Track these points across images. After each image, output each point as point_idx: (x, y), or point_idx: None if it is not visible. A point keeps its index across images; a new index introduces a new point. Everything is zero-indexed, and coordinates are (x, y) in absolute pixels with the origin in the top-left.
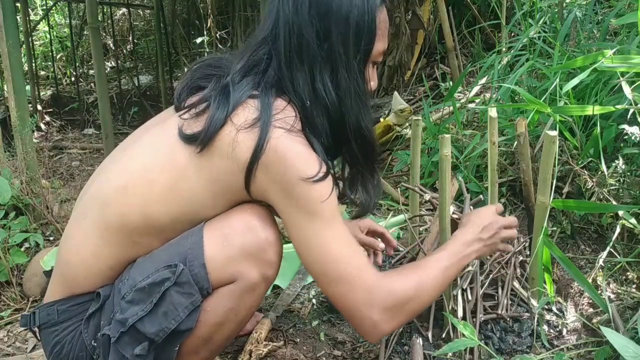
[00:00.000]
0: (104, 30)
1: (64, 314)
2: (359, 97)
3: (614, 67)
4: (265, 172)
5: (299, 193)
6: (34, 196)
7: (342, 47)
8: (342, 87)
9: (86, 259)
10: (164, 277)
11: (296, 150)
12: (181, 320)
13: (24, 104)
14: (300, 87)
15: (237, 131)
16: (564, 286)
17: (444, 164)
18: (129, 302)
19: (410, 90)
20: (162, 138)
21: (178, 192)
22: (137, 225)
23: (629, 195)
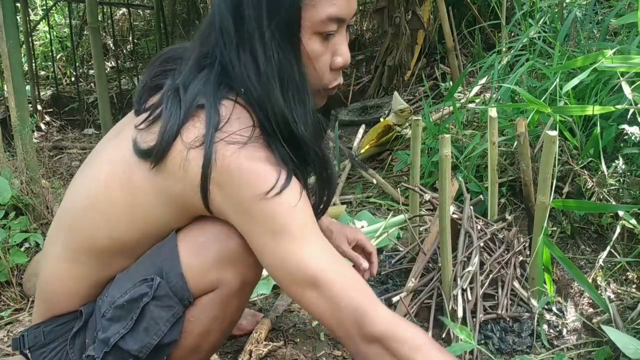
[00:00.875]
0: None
1: (50, 335)
2: (283, 81)
3: (614, 67)
4: (220, 192)
5: (257, 211)
6: (34, 196)
7: (255, 22)
8: (262, 72)
9: (63, 281)
10: (142, 292)
11: (245, 166)
12: (163, 334)
13: (24, 104)
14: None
15: (187, 150)
16: (564, 286)
17: (444, 164)
18: (109, 319)
19: (410, 90)
20: (118, 152)
21: (139, 211)
22: (105, 246)
23: (629, 195)
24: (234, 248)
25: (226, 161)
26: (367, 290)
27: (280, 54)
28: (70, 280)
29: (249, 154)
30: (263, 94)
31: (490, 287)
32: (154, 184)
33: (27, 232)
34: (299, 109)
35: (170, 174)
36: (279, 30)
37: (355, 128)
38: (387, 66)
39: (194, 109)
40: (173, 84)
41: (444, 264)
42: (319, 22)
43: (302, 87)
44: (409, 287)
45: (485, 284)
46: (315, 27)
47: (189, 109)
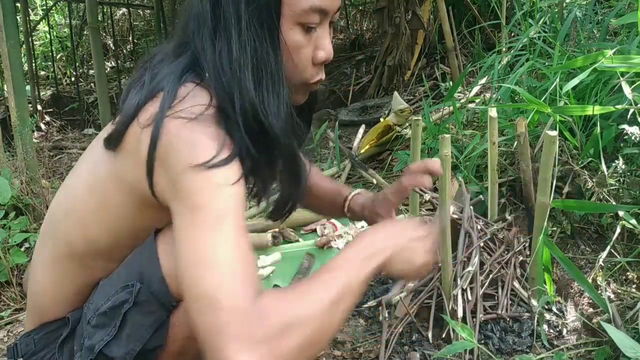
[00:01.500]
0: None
1: (40, 342)
2: (256, 70)
3: (614, 67)
4: (161, 170)
5: (183, 182)
6: (34, 196)
7: (232, 7)
8: (234, 58)
9: (48, 288)
10: (122, 299)
11: (190, 137)
12: (146, 340)
13: (24, 104)
14: (204, 60)
15: (141, 130)
16: (564, 286)
17: (444, 164)
18: (94, 326)
19: (410, 90)
20: (92, 154)
21: (108, 210)
22: (83, 250)
23: (629, 195)
24: None
25: (169, 134)
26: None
27: (257, 42)
28: (55, 286)
29: (193, 127)
30: (233, 81)
31: (490, 287)
32: (116, 173)
33: (27, 232)
34: (272, 100)
35: (127, 158)
36: (257, 17)
37: (355, 128)
38: (387, 66)
39: (155, 92)
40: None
41: (444, 264)
42: (300, 12)
43: (277, 77)
44: (409, 287)
45: (485, 284)
46: (296, 17)
47: (150, 92)
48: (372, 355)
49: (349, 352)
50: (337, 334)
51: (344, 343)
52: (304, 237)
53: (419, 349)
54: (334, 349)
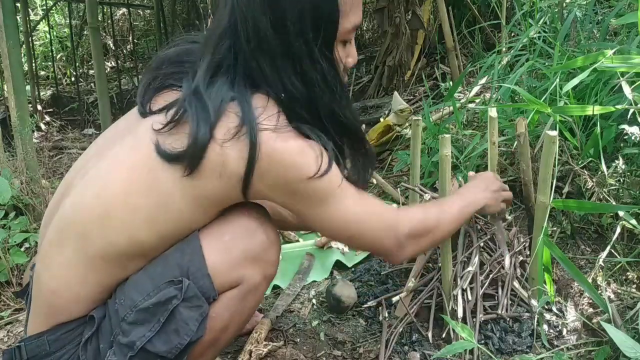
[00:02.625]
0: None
1: (56, 343)
2: (328, 84)
3: (614, 67)
4: (262, 180)
5: (305, 191)
6: (34, 196)
7: (300, 35)
8: (308, 77)
9: (73, 287)
10: (170, 295)
11: (290, 151)
12: (194, 333)
13: (24, 104)
14: (271, 81)
15: (223, 147)
16: (564, 286)
17: (444, 164)
18: (131, 323)
19: (410, 90)
20: (138, 155)
21: (164, 214)
22: (124, 250)
23: (629, 195)
24: (258, 245)
25: (269, 147)
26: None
27: (324, 62)
28: (81, 286)
29: (289, 137)
30: (309, 96)
31: (490, 287)
32: (185, 188)
33: (27, 232)
34: (343, 102)
35: (208, 175)
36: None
37: None
38: (387, 66)
39: (223, 108)
40: (190, 87)
41: (444, 264)
42: (347, 31)
43: (340, 85)
44: (409, 287)
45: (486, 284)
46: (342, 35)
47: (218, 110)
48: (372, 355)
49: (349, 352)
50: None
51: (344, 343)
52: (304, 237)
53: (419, 349)
54: (334, 349)
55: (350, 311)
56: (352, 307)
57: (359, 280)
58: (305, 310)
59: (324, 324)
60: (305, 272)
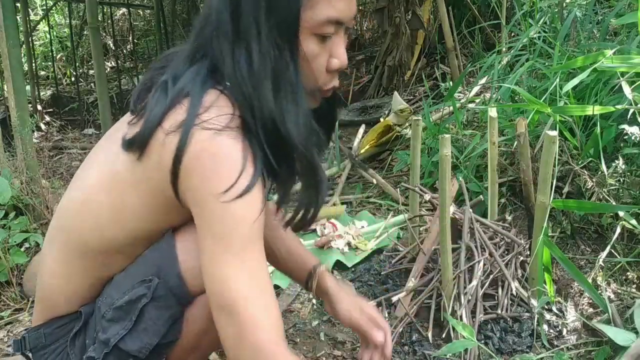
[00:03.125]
0: (104, 30)
1: (50, 336)
2: (277, 80)
3: (614, 67)
4: (187, 179)
5: (211, 210)
6: (34, 196)
7: (252, 18)
8: (256, 68)
9: (60, 283)
10: (140, 293)
11: (221, 156)
12: (162, 334)
13: (24, 104)
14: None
15: (166, 136)
16: (564, 286)
17: (444, 164)
18: (109, 320)
19: (410, 90)
20: (107, 153)
21: (125, 210)
22: (98, 248)
23: (629, 195)
24: None
25: (198, 146)
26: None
27: (276, 52)
28: (67, 281)
29: (221, 142)
30: (253, 91)
31: (490, 287)
32: (136, 176)
33: (27, 232)
34: (291, 109)
35: (150, 162)
36: (277, 29)
37: (355, 128)
38: (387, 66)
39: (180, 98)
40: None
41: (444, 264)
42: (317, 24)
43: (296, 86)
44: (409, 287)
45: (486, 284)
46: (313, 28)
47: (174, 98)
48: None
49: (349, 352)
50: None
51: (344, 343)
52: (304, 237)
53: (419, 349)
54: (334, 349)
55: None
56: None
57: (359, 280)
58: (305, 310)
59: (324, 324)
60: None
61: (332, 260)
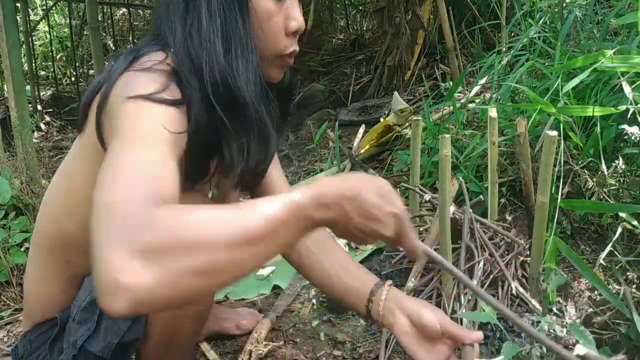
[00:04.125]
0: (104, 30)
1: (34, 342)
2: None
3: (614, 67)
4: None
5: (118, 112)
6: (34, 196)
7: None
8: (205, 27)
9: (36, 288)
10: None
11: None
12: (123, 332)
13: (24, 104)
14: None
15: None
16: (564, 286)
17: (444, 164)
18: (78, 323)
19: (410, 90)
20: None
21: (74, 195)
22: (59, 243)
23: (629, 195)
24: None
25: (118, 83)
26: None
27: (225, 11)
28: (42, 285)
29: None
30: (202, 50)
31: (490, 287)
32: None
33: (27, 232)
34: (241, 65)
35: (87, 130)
36: None
37: (355, 128)
38: (387, 66)
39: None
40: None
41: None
42: None
43: (246, 43)
44: (409, 287)
45: (486, 284)
46: None
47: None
48: (372, 355)
49: (349, 352)
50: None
51: (344, 343)
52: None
53: None
54: (334, 349)
55: (350, 311)
56: None
57: None
58: (305, 310)
59: (324, 324)
60: None
61: None
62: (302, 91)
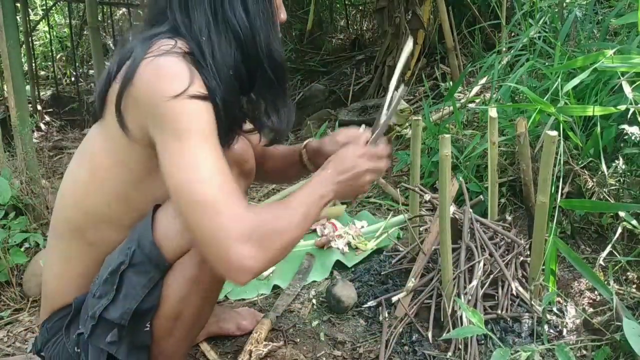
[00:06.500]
0: (104, 30)
1: (51, 330)
2: (269, 21)
3: (614, 67)
4: (137, 105)
5: (165, 111)
6: (34, 196)
7: None
8: (252, 12)
9: (56, 274)
10: (119, 261)
11: (164, 69)
12: (141, 298)
13: (24, 104)
14: (197, 25)
15: (116, 84)
16: (564, 286)
17: (444, 164)
18: (98, 297)
19: (410, 90)
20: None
21: (97, 173)
22: (82, 224)
23: (629, 195)
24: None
25: (144, 69)
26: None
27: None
28: (62, 271)
29: (171, 59)
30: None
31: (490, 287)
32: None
33: (27, 232)
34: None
35: (107, 114)
36: None
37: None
38: (387, 66)
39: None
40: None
41: (444, 264)
42: None
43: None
44: (409, 287)
45: (486, 284)
46: None
47: (123, 56)
48: (372, 355)
49: (349, 352)
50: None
51: (344, 343)
52: (304, 237)
53: (419, 349)
54: (334, 349)
55: (350, 311)
56: (352, 307)
57: (359, 280)
58: (305, 310)
59: (324, 324)
60: (305, 272)
61: (332, 260)
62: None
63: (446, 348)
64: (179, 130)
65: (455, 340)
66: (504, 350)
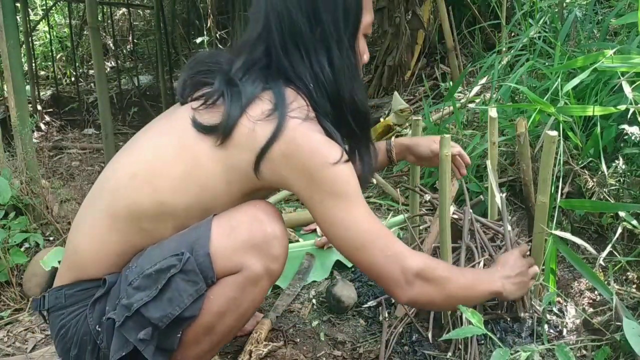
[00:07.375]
0: (104, 30)
1: (71, 298)
2: (352, 72)
3: (614, 67)
4: (286, 162)
5: (323, 178)
6: (34, 196)
7: (333, 26)
8: (337, 65)
9: (94, 245)
10: (171, 263)
11: (315, 139)
12: (185, 307)
13: (24, 104)
14: (302, 74)
15: (254, 123)
16: (564, 286)
17: (444, 164)
18: (135, 288)
19: (410, 90)
20: (172, 127)
21: (193, 180)
22: (147, 212)
23: (629, 195)
24: (261, 235)
25: (291, 132)
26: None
27: (351, 52)
28: (101, 245)
29: (315, 128)
30: (337, 85)
31: None
32: (215, 156)
33: (27, 232)
34: (361, 91)
35: (234, 145)
36: (349, 33)
37: None
38: (387, 66)
39: (257, 94)
40: (224, 78)
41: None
42: (366, 26)
43: (359, 76)
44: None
45: None
46: (364, 30)
47: (252, 95)
48: (372, 355)
49: (349, 352)
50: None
51: (344, 343)
52: (304, 237)
53: (419, 349)
54: (334, 349)
55: (350, 311)
56: (352, 307)
57: (359, 280)
58: (305, 310)
59: (324, 324)
60: (306, 272)
61: (332, 260)
62: None
63: (446, 348)
64: (337, 194)
65: (455, 341)
66: (504, 350)
